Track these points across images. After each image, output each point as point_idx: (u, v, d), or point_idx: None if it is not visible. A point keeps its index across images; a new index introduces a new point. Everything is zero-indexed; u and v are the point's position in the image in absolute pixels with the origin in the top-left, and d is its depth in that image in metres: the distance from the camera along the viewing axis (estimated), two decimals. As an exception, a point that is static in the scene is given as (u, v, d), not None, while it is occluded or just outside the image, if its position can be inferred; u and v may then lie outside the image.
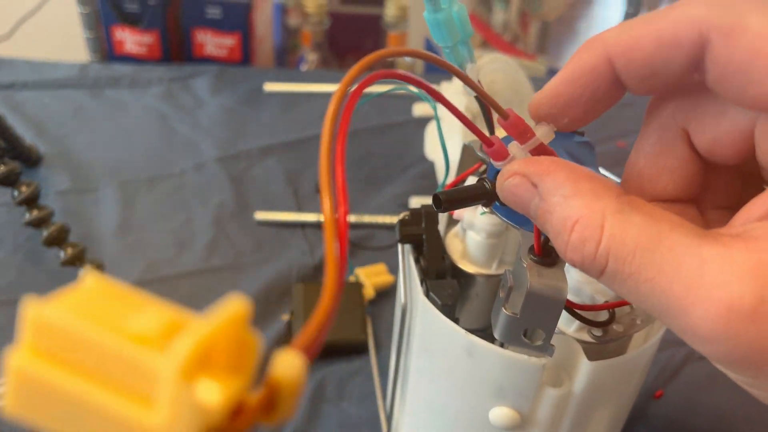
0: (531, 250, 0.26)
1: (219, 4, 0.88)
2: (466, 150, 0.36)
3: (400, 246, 0.34)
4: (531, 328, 0.26)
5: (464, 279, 0.33)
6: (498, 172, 0.23)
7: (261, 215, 0.60)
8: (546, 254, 0.25)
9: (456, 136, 0.51)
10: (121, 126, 0.74)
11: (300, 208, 0.63)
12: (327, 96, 0.76)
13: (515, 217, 0.24)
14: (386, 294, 0.52)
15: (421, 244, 0.33)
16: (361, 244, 0.58)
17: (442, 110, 0.42)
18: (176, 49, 0.93)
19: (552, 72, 1.11)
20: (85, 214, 0.61)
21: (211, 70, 0.85)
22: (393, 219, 0.60)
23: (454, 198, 0.26)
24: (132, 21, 0.89)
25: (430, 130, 0.60)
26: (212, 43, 0.91)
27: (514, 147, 0.22)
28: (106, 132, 0.73)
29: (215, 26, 0.90)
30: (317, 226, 0.60)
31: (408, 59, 1.06)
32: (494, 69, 0.57)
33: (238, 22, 0.90)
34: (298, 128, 0.75)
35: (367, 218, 0.60)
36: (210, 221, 0.60)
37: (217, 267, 0.55)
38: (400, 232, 0.33)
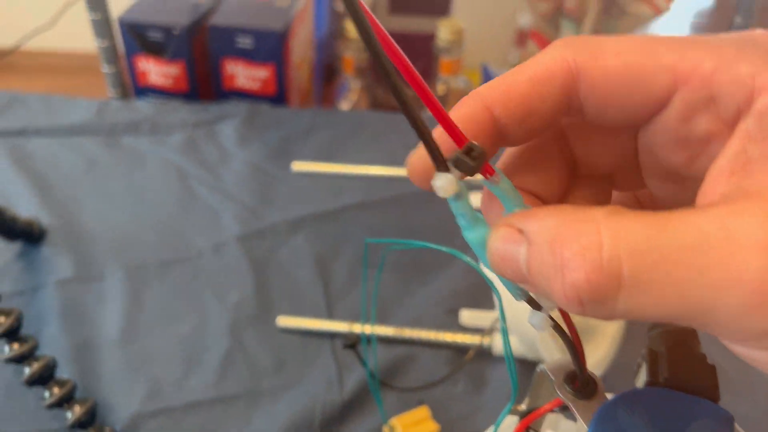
0: None
1: (250, 32, 0.79)
2: (540, 377, 0.27)
3: None
4: None
5: None
6: None
7: (284, 321, 0.52)
8: None
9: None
10: (135, 186, 0.66)
11: (329, 308, 0.54)
12: (365, 178, 0.66)
13: None
14: (427, 446, 0.43)
15: None
16: (396, 381, 0.48)
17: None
18: (204, 81, 0.84)
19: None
20: (86, 312, 0.53)
21: (240, 111, 0.76)
22: (440, 335, 0.50)
23: None
24: (156, 51, 0.80)
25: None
26: (244, 75, 0.82)
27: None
28: (118, 195, 0.65)
29: (247, 57, 0.81)
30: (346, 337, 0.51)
31: (461, 84, 0.94)
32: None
33: (272, 52, 0.80)
34: (332, 194, 0.65)
35: (408, 332, 0.50)
36: (226, 327, 0.52)
37: (230, 395, 0.47)
38: None
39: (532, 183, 0.21)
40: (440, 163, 0.16)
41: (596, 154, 0.21)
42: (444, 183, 0.16)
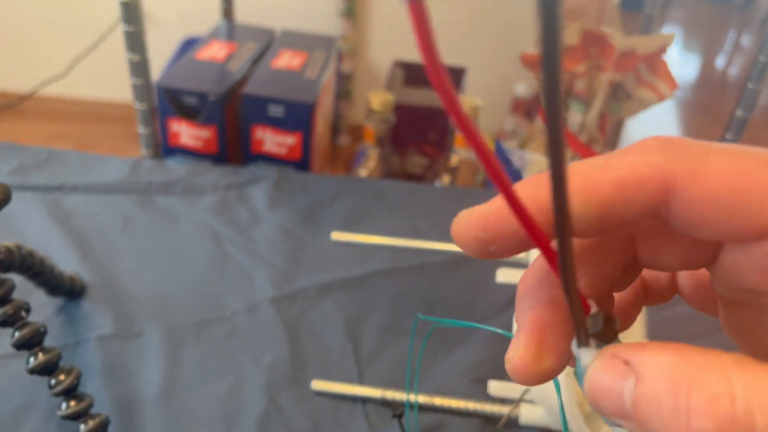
0: None
1: (282, 102, 0.83)
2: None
3: None
4: None
5: None
6: None
7: (318, 385, 0.54)
8: None
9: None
10: (170, 245, 0.69)
11: (360, 372, 0.56)
12: (391, 247, 0.70)
13: None
14: None
15: None
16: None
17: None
18: (233, 145, 0.88)
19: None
20: (126, 370, 0.55)
21: (270, 176, 0.80)
22: (469, 404, 0.53)
23: None
24: (190, 115, 0.85)
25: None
26: (272, 141, 0.86)
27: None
28: (154, 253, 0.68)
29: (276, 125, 0.85)
30: (380, 403, 0.53)
31: (473, 156, 0.99)
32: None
33: (301, 121, 0.84)
34: (358, 260, 0.69)
35: (439, 400, 0.53)
36: (262, 388, 0.54)
37: (268, 456, 0.49)
38: None
39: (584, 273, 0.20)
40: (586, 339, 0.16)
41: (664, 258, 0.20)
42: (591, 360, 0.16)
